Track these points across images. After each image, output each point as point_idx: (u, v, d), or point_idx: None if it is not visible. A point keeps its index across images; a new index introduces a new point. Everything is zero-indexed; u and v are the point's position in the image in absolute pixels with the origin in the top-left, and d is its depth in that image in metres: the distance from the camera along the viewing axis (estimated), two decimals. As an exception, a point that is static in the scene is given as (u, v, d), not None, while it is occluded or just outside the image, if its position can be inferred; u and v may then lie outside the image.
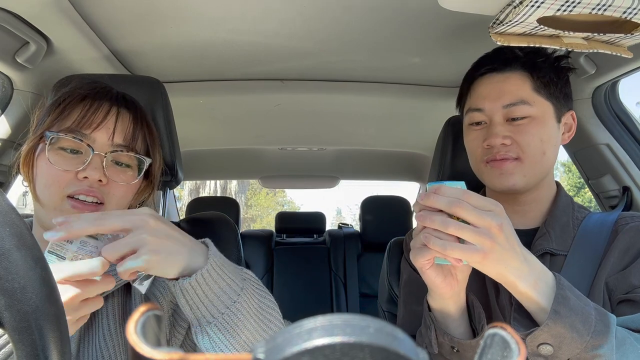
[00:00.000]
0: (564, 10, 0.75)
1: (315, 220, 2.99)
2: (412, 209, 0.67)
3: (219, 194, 14.51)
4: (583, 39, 0.87)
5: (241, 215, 2.99)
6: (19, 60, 1.03)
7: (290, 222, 3.01)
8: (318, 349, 0.17)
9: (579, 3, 0.73)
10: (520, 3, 0.74)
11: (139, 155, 0.77)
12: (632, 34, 0.82)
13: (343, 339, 0.17)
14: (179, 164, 1.02)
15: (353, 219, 18.81)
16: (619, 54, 0.89)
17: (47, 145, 0.71)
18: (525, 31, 0.84)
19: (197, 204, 2.81)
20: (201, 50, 1.21)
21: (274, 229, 2.92)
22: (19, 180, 1.22)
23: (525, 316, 0.65)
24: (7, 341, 0.35)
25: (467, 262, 0.60)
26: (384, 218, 2.53)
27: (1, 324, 0.35)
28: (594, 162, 1.27)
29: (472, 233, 0.57)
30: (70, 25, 0.99)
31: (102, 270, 0.52)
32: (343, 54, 1.24)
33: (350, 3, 0.97)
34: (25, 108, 1.13)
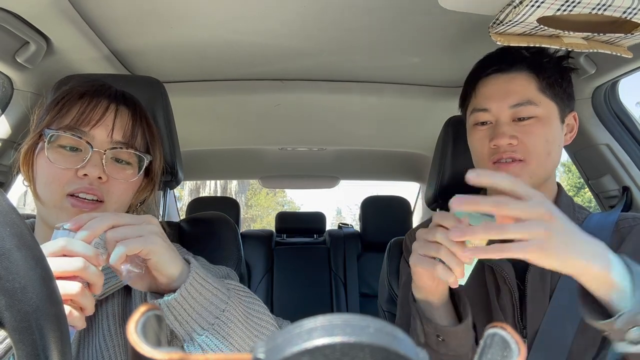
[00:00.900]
0: (564, 10, 0.75)
1: (315, 220, 2.99)
2: (432, 219, 0.65)
3: (219, 194, 14.51)
4: (583, 39, 0.87)
5: (241, 215, 2.99)
6: (19, 60, 1.03)
7: (290, 222, 3.00)
8: (318, 349, 0.17)
9: (578, 3, 0.73)
10: (520, 3, 0.74)
11: (138, 152, 0.76)
12: (632, 34, 0.82)
13: (343, 339, 0.17)
14: (179, 164, 1.02)
15: (353, 219, 18.80)
16: (618, 54, 0.89)
17: (47, 143, 0.71)
18: (525, 31, 0.84)
19: (198, 204, 2.81)
20: (201, 50, 1.21)
21: (274, 229, 2.92)
22: (19, 180, 1.22)
23: (590, 302, 0.58)
24: (6, 335, 0.35)
25: (529, 259, 0.54)
26: (384, 218, 2.53)
27: (2, 324, 0.35)
28: (594, 162, 1.27)
29: (522, 229, 0.53)
30: (70, 25, 0.99)
31: (84, 269, 0.52)
32: (343, 54, 1.24)
33: (350, 3, 0.97)
34: (25, 108, 1.13)
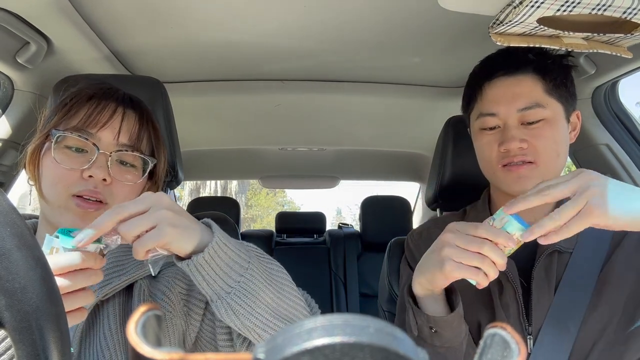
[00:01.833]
0: (564, 11, 0.75)
1: (315, 220, 2.99)
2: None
3: (219, 194, 14.51)
4: (583, 39, 0.87)
5: (241, 215, 2.99)
6: (19, 61, 1.03)
7: (290, 222, 3.01)
8: (318, 349, 0.17)
9: (578, 3, 0.73)
10: (520, 3, 0.74)
11: (143, 156, 0.77)
12: (632, 34, 0.82)
13: (343, 339, 0.17)
14: (179, 164, 1.02)
15: (353, 219, 18.80)
16: (618, 54, 0.89)
17: (53, 143, 0.72)
18: (525, 31, 0.84)
19: (198, 204, 2.81)
20: (201, 50, 1.21)
21: (274, 229, 2.92)
22: (20, 180, 1.22)
23: None
24: (6, 335, 0.35)
25: (598, 223, 0.61)
26: (384, 218, 2.53)
27: (2, 324, 0.35)
28: (594, 162, 1.27)
29: (578, 198, 0.60)
30: (71, 26, 0.99)
31: (82, 262, 0.52)
32: (343, 54, 1.24)
33: (350, 3, 0.97)
34: (25, 108, 1.13)
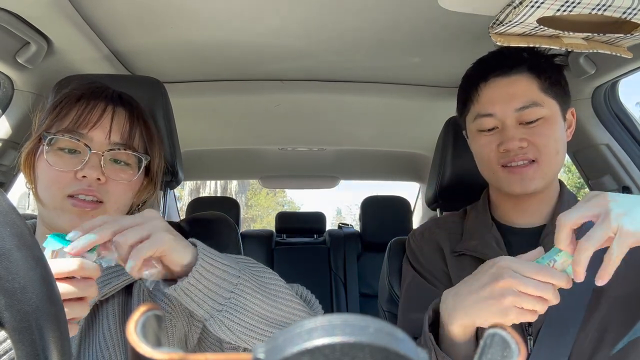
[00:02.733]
0: (564, 11, 0.75)
1: (315, 220, 2.99)
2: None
3: (219, 194, 14.51)
4: (583, 39, 0.87)
5: (241, 215, 2.99)
6: (19, 61, 1.03)
7: (290, 222, 3.00)
8: (318, 349, 0.17)
9: (578, 3, 0.73)
10: (520, 3, 0.74)
11: (136, 153, 0.77)
12: (632, 34, 0.82)
13: (343, 339, 0.17)
14: (179, 164, 1.02)
15: (353, 219, 18.80)
16: (618, 54, 0.89)
17: (46, 146, 0.72)
18: (525, 31, 0.84)
19: (198, 204, 2.81)
20: (201, 50, 1.21)
21: (274, 229, 2.92)
22: (20, 180, 1.22)
23: None
24: (6, 336, 0.35)
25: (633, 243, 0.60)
26: (384, 218, 2.53)
27: (1, 324, 0.35)
28: (594, 163, 1.27)
29: (599, 227, 0.60)
30: (71, 26, 0.99)
31: (81, 270, 0.52)
32: (343, 54, 1.24)
33: (350, 3, 0.97)
34: (25, 108, 1.13)
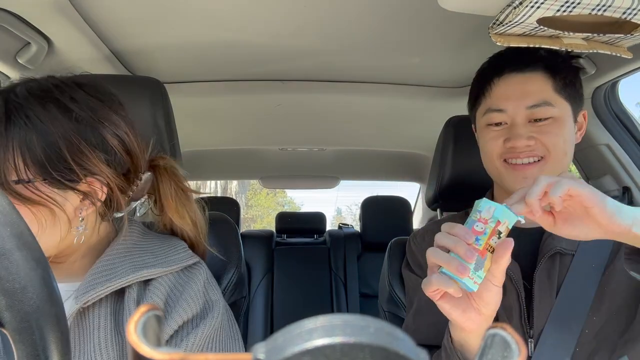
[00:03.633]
0: (564, 11, 0.75)
1: (315, 221, 2.99)
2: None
3: (219, 194, 14.51)
4: (583, 39, 0.87)
5: (242, 216, 2.99)
6: (20, 61, 1.03)
7: (290, 223, 3.00)
8: (318, 349, 0.17)
9: (578, 4, 0.73)
10: (520, 4, 0.74)
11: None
12: (632, 35, 0.82)
13: (343, 339, 0.17)
14: (180, 165, 1.02)
15: (353, 219, 18.79)
16: (618, 55, 0.89)
17: None
18: (525, 32, 0.84)
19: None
20: (202, 50, 1.21)
21: (274, 229, 2.92)
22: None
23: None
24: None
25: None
26: (384, 218, 2.53)
27: (2, 324, 0.35)
28: (594, 163, 1.27)
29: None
30: (71, 26, 0.99)
31: None
32: (343, 54, 1.24)
33: (350, 3, 0.97)
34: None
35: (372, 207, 2.60)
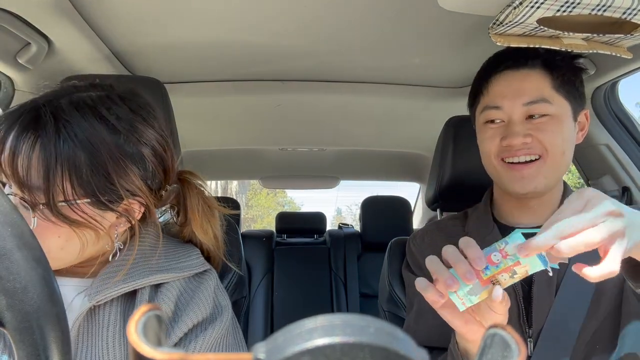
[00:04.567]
0: (564, 11, 0.75)
1: (315, 221, 2.99)
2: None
3: (219, 194, 14.51)
4: (583, 39, 0.87)
5: (242, 216, 2.99)
6: (20, 61, 1.03)
7: (290, 223, 3.00)
8: (318, 349, 0.17)
9: (578, 4, 0.73)
10: (520, 4, 0.75)
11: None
12: (632, 35, 0.82)
13: (343, 339, 0.17)
14: (180, 165, 1.02)
15: (353, 219, 18.78)
16: (618, 55, 0.89)
17: None
18: (525, 32, 0.84)
19: (198, 204, 2.80)
20: (202, 50, 1.21)
21: (274, 230, 2.92)
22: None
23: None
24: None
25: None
26: (384, 218, 2.53)
27: (2, 324, 0.35)
28: (594, 163, 1.27)
29: (598, 229, 0.50)
30: (71, 26, 0.99)
31: None
32: (343, 54, 1.24)
33: (351, 3, 0.97)
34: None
35: (372, 207, 2.60)
